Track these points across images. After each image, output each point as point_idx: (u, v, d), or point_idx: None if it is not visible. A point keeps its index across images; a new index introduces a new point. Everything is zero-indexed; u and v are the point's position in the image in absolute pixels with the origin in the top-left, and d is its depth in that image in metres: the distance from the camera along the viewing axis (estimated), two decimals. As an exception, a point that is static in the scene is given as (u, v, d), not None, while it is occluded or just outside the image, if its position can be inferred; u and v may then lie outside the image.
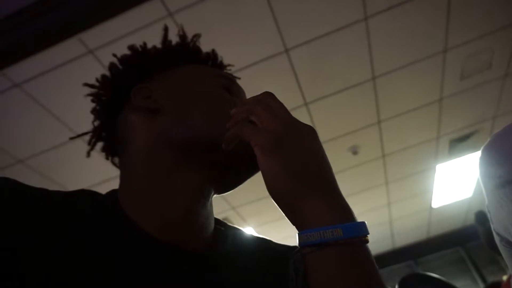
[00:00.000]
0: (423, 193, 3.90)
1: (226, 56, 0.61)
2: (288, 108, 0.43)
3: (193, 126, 0.46)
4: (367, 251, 0.37)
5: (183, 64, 0.54)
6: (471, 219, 4.11)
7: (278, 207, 0.40)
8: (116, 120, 0.52)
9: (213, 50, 0.59)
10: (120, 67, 0.54)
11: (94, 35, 1.76)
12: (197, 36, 0.58)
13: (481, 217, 1.81)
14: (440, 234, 4.94)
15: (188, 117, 0.47)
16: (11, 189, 0.39)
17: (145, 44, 0.56)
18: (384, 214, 4.13)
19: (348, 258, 0.35)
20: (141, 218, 0.43)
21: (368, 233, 0.37)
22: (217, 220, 0.53)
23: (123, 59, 0.54)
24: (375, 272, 0.36)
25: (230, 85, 0.54)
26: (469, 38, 2.28)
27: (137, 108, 0.49)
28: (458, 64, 2.44)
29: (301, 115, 2.53)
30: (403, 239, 4.88)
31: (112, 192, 0.48)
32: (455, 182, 3.78)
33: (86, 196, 0.45)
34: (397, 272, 4.59)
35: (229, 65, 0.61)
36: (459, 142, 3.20)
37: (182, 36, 0.57)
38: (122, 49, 0.56)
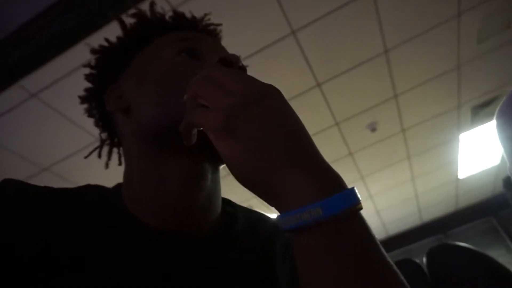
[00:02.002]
0: (448, 165, 3.81)
1: (232, 44, 0.61)
2: (301, 90, 0.40)
3: (150, 115, 0.45)
4: (357, 223, 0.31)
5: (150, 43, 0.51)
6: (500, 187, 3.99)
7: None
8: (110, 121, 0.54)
9: (174, 11, 0.54)
10: (94, 71, 0.55)
11: (102, 39, 1.78)
12: (153, 3, 0.54)
13: (508, 182, 1.76)
14: (469, 205, 4.83)
15: (145, 105, 0.46)
16: (16, 188, 0.41)
17: (107, 40, 0.55)
18: (409, 189, 4.07)
19: (334, 238, 0.29)
20: (138, 208, 0.44)
21: (357, 202, 0.31)
22: (227, 201, 0.53)
23: (94, 63, 0.55)
24: (371, 246, 0.31)
25: (193, 45, 0.48)
26: (483, -1, 2.18)
27: (113, 112, 0.50)
28: (474, 27, 2.34)
29: (314, 97, 2.49)
30: (431, 213, 4.80)
31: (117, 186, 0.49)
32: (481, 151, 3.67)
33: (91, 190, 0.46)
34: (428, 247, 4.54)
35: (206, 15, 0.56)
36: (482, 109, 3.09)
37: (139, 15, 0.54)
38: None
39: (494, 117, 0.53)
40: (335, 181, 0.32)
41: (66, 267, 0.36)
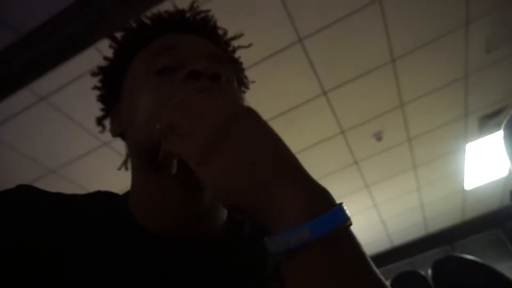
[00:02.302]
0: (454, 175, 3.77)
1: (239, 51, 0.61)
2: (306, 99, 0.40)
3: (135, 138, 0.46)
4: (347, 241, 0.30)
5: (136, 55, 0.51)
6: (508, 199, 3.93)
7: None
8: None
9: (156, 15, 0.52)
10: (101, 91, 0.55)
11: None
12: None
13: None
14: (475, 216, 4.76)
15: (132, 129, 0.47)
16: (29, 194, 0.42)
17: (105, 58, 0.55)
18: (414, 199, 4.03)
19: (323, 260, 0.28)
20: (142, 215, 0.45)
21: (346, 219, 0.30)
22: None
23: (99, 85, 0.55)
24: (362, 265, 0.30)
25: (166, 63, 0.47)
26: (492, 6, 2.17)
27: (117, 135, 0.53)
28: (482, 36, 2.33)
29: (320, 105, 2.49)
30: (436, 224, 4.74)
31: (127, 193, 0.50)
32: (488, 162, 3.63)
33: (100, 197, 0.47)
34: (433, 258, 4.47)
35: (192, 5, 0.54)
36: (490, 119, 3.07)
37: (124, 28, 0.53)
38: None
39: (502, 128, 0.53)
40: (322, 199, 0.30)
41: (69, 271, 0.37)
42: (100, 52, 1.83)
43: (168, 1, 1.71)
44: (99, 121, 0.56)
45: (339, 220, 0.29)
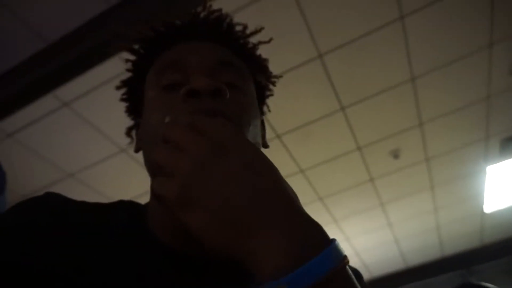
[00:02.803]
0: (473, 198, 3.66)
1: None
2: (323, 114, 0.38)
3: (144, 158, 0.47)
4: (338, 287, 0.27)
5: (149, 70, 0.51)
6: (529, 224, 3.80)
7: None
8: None
9: (165, 22, 0.51)
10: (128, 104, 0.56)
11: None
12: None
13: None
14: (495, 241, 4.60)
15: (142, 147, 0.48)
16: (56, 202, 0.43)
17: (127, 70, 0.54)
18: (430, 219, 3.92)
19: None
20: (158, 229, 0.45)
21: (334, 265, 0.27)
22: None
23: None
24: None
25: (171, 72, 0.46)
26: (517, 30, 2.14)
27: (137, 150, 0.53)
28: (506, 58, 2.29)
29: (337, 120, 2.48)
30: (453, 247, 4.60)
31: (147, 204, 0.50)
32: (510, 185, 3.52)
33: (122, 207, 0.48)
34: (449, 282, 4.33)
35: (193, 16, 0.51)
36: (512, 142, 2.99)
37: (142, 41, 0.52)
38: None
39: None
40: (308, 245, 0.27)
41: (86, 282, 0.37)
42: (123, 61, 1.88)
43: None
44: (128, 133, 0.56)
45: (325, 267, 0.26)
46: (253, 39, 0.56)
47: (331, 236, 0.30)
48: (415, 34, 2.05)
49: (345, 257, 0.28)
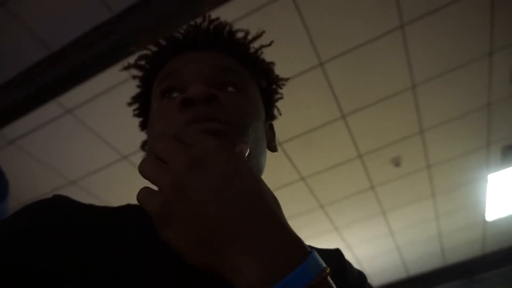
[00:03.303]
0: (475, 205, 3.65)
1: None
2: (324, 121, 0.39)
3: None
4: None
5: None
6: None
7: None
8: None
9: (170, 35, 0.52)
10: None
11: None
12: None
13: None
14: (497, 249, 4.56)
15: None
16: (64, 205, 0.43)
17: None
18: (432, 227, 3.91)
19: None
20: None
21: (310, 278, 0.27)
22: None
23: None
24: None
25: (170, 82, 0.46)
26: (517, 39, 2.15)
27: None
28: (507, 66, 2.30)
29: (339, 128, 2.49)
30: (455, 255, 4.56)
31: None
32: (511, 193, 3.51)
33: (130, 210, 0.47)
34: (451, 291, 4.29)
35: (194, 27, 0.52)
36: (513, 150, 2.98)
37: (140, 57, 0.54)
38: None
39: None
40: (286, 260, 0.28)
41: (93, 285, 0.37)
42: (125, 70, 1.89)
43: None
44: (143, 147, 0.57)
45: (303, 281, 0.27)
46: (256, 44, 0.57)
47: (333, 245, 0.30)
48: (415, 42, 2.07)
49: (324, 268, 0.28)
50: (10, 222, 0.41)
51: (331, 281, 0.29)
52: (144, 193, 0.32)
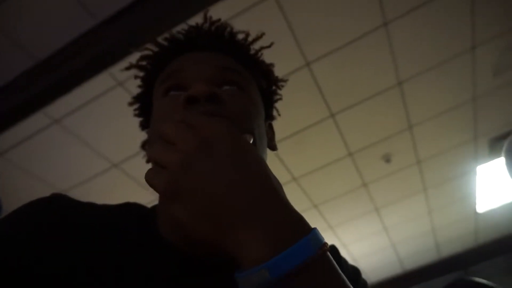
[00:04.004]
0: (466, 198, 3.70)
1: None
2: (313, 121, 0.39)
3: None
4: (319, 274, 0.29)
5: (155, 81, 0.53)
6: (522, 223, 3.84)
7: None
8: None
9: (171, 35, 0.53)
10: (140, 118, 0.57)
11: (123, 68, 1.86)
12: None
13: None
14: (490, 240, 4.63)
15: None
16: (63, 203, 0.43)
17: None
18: (425, 222, 3.95)
19: None
20: (168, 231, 0.45)
21: (313, 252, 0.28)
22: None
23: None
24: None
25: (173, 81, 0.48)
26: (498, 32, 2.20)
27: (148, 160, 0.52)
28: (489, 60, 2.35)
29: (328, 128, 2.51)
30: (449, 249, 4.62)
31: (155, 206, 0.50)
32: (500, 184, 3.57)
33: (129, 209, 0.48)
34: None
35: (195, 28, 0.53)
36: (500, 141, 3.03)
37: (153, 55, 0.54)
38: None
39: (503, 155, 0.53)
40: (288, 234, 0.29)
41: (95, 285, 0.37)
42: (112, 76, 1.89)
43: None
44: (143, 146, 0.57)
45: (306, 254, 0.28)
46: (256, 45, 0.59)
47: (328, 243, 0.32)
48: (399, 39, 2.10)
49: (324, 244, 0.30)
50: (8, 221, 0.40)
51: (331, 256, 0.30)
52: (152, 171, 0.33)
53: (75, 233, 0.40)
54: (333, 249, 0.55)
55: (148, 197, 1.77)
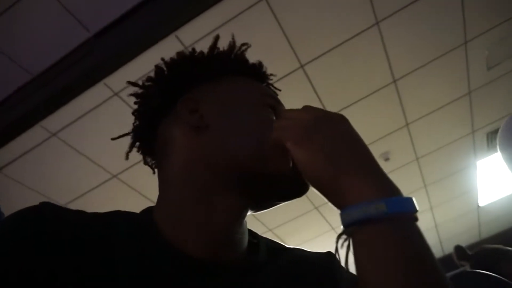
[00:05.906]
0: (467, 193, 3.70)
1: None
2: None
3: (238, 153, 0.44)
4: (416, 229, 0.34)
5: (229, 75, 0.52)
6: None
7: (320, 194, 0.39)
8: (156, 130, 0.51)
9: (259, 62, 0.56)
10: (167, 72, 0.51)
11: (118, 78, 1.87)
12: (245, 45, 0.55)
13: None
14: (494, 234, 4.62)
15: (235, 143, 0.45)
16: (52, 212, 0.41)
17: (193, 50, 0.53)
18: (428, 218, 3.94)
19: (395, 236, 0.32)
20: (175, 236, 0.44)
21: (417, 210, 0.34)
22: (254, 234, 0.53)
23: (170, 63, 0.51)
24: (426, 252, 0.33)
25: (275, 104, 0.51)
26: (489, 26, 2.21)
27: (181, 122, 0.47)
28: (482, 54, 2.36)
29: (326, 128, 2.51)
30: (453, 244, 4.59)
31: (147, 210, 0.49)
32: (501, 177, 3.57)
33: (121, 216, 0.47)
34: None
35: (271, 74, 0.58)
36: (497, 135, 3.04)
37: (231, 45, 0.55)
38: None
39: (498, 149, 0.54)
40: (396, 187, 0.36)
41: None
42: (108, 87, 1.89)
43: (169, 38, 1.78)
44: (140, 147, 0.54)
45: (412, 208, 0.34)
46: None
47: (332, 245, 0.37)
48: (392, 37, 2.11)
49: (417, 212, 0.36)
50: None
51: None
52: (282, 126, 0.42)
53: (66, 242, 0.39)
54: (330, 255, 0.54)
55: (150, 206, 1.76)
